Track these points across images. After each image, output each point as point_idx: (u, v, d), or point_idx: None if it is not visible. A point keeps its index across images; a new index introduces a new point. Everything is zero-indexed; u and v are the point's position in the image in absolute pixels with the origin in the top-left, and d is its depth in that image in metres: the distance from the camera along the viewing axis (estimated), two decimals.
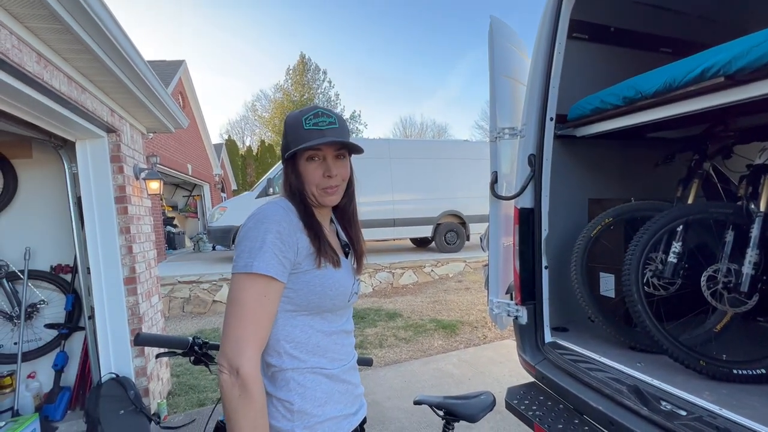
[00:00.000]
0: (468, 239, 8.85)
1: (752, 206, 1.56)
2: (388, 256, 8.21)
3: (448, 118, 55.41)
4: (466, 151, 8.98)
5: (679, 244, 1.70)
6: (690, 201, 1.84)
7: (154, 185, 3.13)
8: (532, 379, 1.84)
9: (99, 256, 2.60)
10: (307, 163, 0.88)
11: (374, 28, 49.37)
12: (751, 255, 1.48)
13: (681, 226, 1.69)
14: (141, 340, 1.16)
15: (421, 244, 9.90)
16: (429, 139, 24.60)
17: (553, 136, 1.86)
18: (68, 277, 2.91)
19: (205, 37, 48.61)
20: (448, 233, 8.66)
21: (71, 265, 2.90)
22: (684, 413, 1.23)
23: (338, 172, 0.89)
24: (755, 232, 1.49)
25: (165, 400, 2.96)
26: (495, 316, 1.99)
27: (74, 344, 2.94)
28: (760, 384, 1.39)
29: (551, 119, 1.84)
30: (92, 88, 2.28)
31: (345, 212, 1.01)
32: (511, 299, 1.93)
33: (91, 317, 2.75)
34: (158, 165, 7.43)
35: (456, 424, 1.27)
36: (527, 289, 1.87)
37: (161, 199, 10.46)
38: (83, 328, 2.89)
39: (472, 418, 1.21)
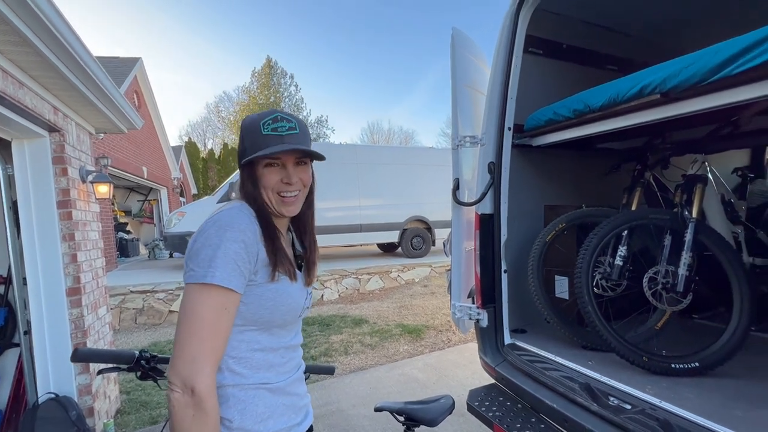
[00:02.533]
0: (434, 244, 9.00)
1: (686, 213, 1.70)
2: (355, 262, 8.17)
3: (415, 125, 56.40)
4: (432, 157, 9.17)
5: (625, 248, 1.82)
6: (633, 207, 1.98)
7: (103, 189, 2.94)
8: (493, 381, 1.89)
9: (38, 266, 2.39)
10: (265, 169, 0.84)
11: (343, 34, 49.46)
12: (686, 257, 1.61)
13: (626, 231, 1.81)
14: (80, 356, 1.07)
15: (387, 249, 9.94)
16: (396, 146, 24.88)
17: (511, 145, 1.94)
18: (1, 288, 2.65)
19: (165, 35, 46.55)
20: (414, 238, 8.77)
21: (4, 275, 2.65)
22: (629, 407, 1.31)
23: (299, 178, 0.86)
24: (689, 236, 1.63)
25: (113, 420, 2.75)
26: (457, 319, 2.03)
27: (7, 362, 2.67)
28: (695, 376, 1.51)
29: (509, 129, 1.93)
30: (32, 83, 2.11)
31: (302, 219, 0.97)
32: (473, 303, 1.97)
33: (27, 332, 2.52)
34: (109, 167, 6.98)
35: (417, 429, 1.27)
36: (488, 293, 1.92)
37: (112, 204, 9.83)
38: (18, 345, 2.63)
39: (431, 423, 1.22)
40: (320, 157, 0.88)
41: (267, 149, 0.81)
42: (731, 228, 2.04)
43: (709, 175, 1.90)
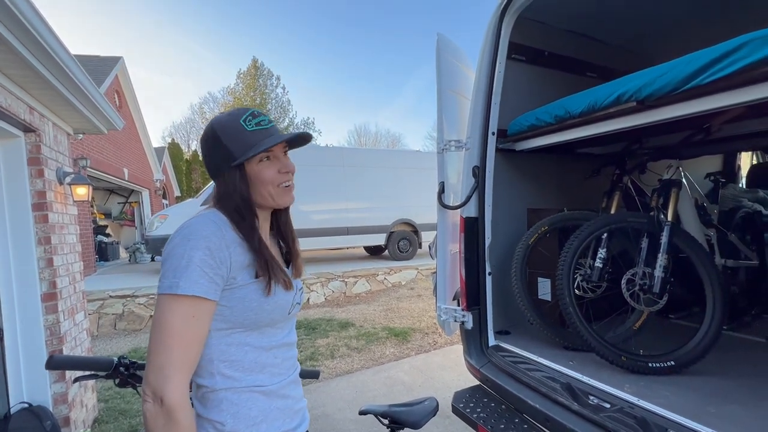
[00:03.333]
0: (420, 247, 9.03)
1: (662, 216, 1.76)
2: (341, 265, 8.14)
3: (402, 128, 56.76)
4: (419, 160, 9.22)
5: (604, 250, 1.87)
6: (613, 211, 2.03)
7: (81, 191, 2.86)
8: (478, 382, 1.91)
9: (11, 270, 2.31)
10: (260, 165, 0.83)
11: (330, 36, 49.42)
12: (662, 259, 1.67)
13: (605, 234, 1.86)
14: (55, 363, 1.04)
15: (374, 252, 9.93)
16: (383, 149, 24.93)
17: (495, 149, 1.98)
18: None
19: (148, 33, 45.66)
20: (400, 241, 8.79)
21: None
22: (608, 406, 1.34)
23: (291, 165, 0.88)
24: (664, 239, 1.69)
25: (89, 429, 2.67)
26: (443, 322, 2.05)
27: None
28: (671, 375, 1.56)
29: (493, 134, 1.96)
30: (6, 82, 2.05)
31: (282, 217, 0.96)
32: (458, 305, 1.99)
33: (0, 339, 2.42)
34: (89, 168, 6.80)
35: None
36: (472, 295, 1.95)
37: (91, 206, 9.56)
38: None
39: (416, 425, 1.23)
40: (309, 138, 0.90)
41: (265, 142, 0.81)
42: (704, 231, 2.11)
43: (684, 180, 1.98)
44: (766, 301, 2.36)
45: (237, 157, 0.80)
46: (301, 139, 0.88)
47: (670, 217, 1.73)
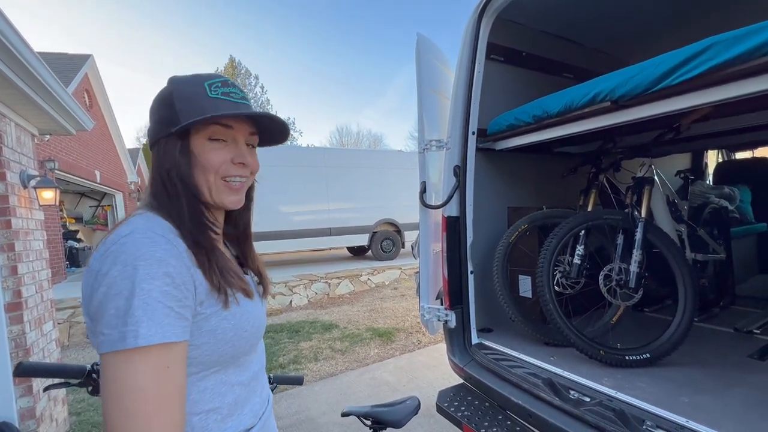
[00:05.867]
0: (403, 247, 9.07)
1: (636, 213, 1.81)
2: (324, 266, 8.08)
3: (384, 128, 56.73)
4: (401, 161, 9.26)
5: (582, 247, 1.91)
6: (589, 209, 2.08)
7: (48, 194, 2.73)
8: (462, 381, 1.92)
9: None
10: (208, 144, 0.64)
11: (309, 36, 48.98)
12: (636, 255, 1.72)
13: (583, 231, 1.91)
14: (24, 370, 0.96)
15: (357, 252, 9.91)
16: (365, 149, 24.90)
17: (476, 149, 1.99)
18: None
19: (120, 29, 44.10)
20: (384, 241, 8.80)
21: None
22: (588, 399, 1.37)
23: (251, 161, 0.68)
24: (638, 235, 1.74)
25: None
26: (426, 321, 2.05)
27: None
28: (647, 367, 1.61)
29: (473, 133, 1.97)
30: None
31: (242, 218, 0.77)
32: (441, 304, 2.00)
33: None
34: (57, 171, 6.50)
35: None
36: (455, 294, 1.95)
37: (60, 210, 9.15)
38: None
39: (397, 424, 1.23)
40: (285, 133, 0.72)
41: (224, 112, 0.62)
42: (675, 226, 2.20)
43: (656, 178, 2.04)
44: (732, 292, 2.47)
45: (183, 121, 0.61)
46: (277, 131, 0.71)
47: (643, 214, 1.78)
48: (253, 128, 0.69)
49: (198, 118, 0.61)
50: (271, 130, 0.71)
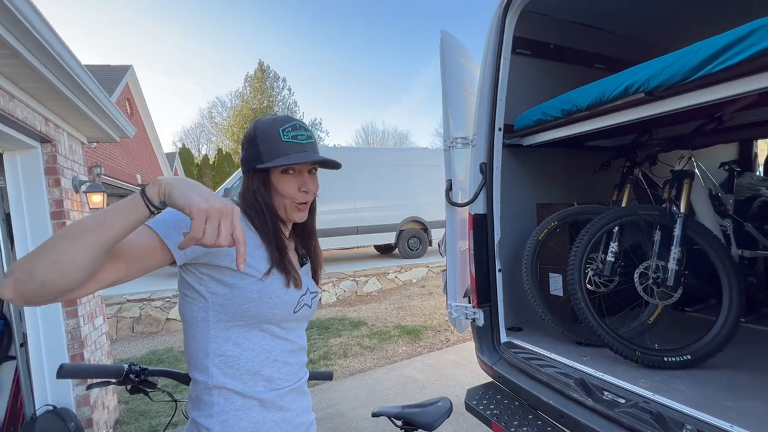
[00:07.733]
0: (430, 245, 9.02)
1: (674, 208, 1.73)
2: (352, 264, 8.18)
3: (410, 125, 56.55)
4: (427, 158, 9.20)
5: (616, 244, 1.84)
6: (624, 204, 2.01)
7: (97, 198, 2.93)
8: (491, 379, 1.90)
9: None
10: (282, 176, 0.84)
11: (334, 35, 49.49)
12: (675, 252, 1.64)
13: (617, 228, 1.84)
14: (65, 372, 1.03)
15: (384, 250, 9.95)
16: (391, 147, 24.92)
17: (502, 145, 1.97)
18: None
19: (158, 38, 46.34)
20: (410, 239, 8.79)
21: None
22: (623, 401, 1.33)
23: (313, 187, 0.88)
24: (677, 231, 1.66)
25: (111, 430, 2.75)
26: (454, 319, 2.05)
27: (4, 375, 2.65)
28: (687, 369, 1.53)
29: (499, 129, 1.95)
30: (22, 95, 2.11)
31: (307, 225, 0.97)
32: (469, 302, 1.99)
33: (24, 344, 2.50)
34: (103, 176, 6.94)
35: None
36: (483, 292, 1.94)
37: None
38: (14, 357, 2.61)
39: (430, 426, 1.22)
40: (337, 166, 0.91)
41: (291, 157, 0.81)
42: (719, 221, 2.07)
43: (696, 171, 1.94)
44: None
45: (264, 161, 0.82)
46: (329, 164, 0.89)
47: (683, 209, 1.70)
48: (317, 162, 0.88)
49: (273, 164, 0.81)
50: (324, 164, 0.89)
